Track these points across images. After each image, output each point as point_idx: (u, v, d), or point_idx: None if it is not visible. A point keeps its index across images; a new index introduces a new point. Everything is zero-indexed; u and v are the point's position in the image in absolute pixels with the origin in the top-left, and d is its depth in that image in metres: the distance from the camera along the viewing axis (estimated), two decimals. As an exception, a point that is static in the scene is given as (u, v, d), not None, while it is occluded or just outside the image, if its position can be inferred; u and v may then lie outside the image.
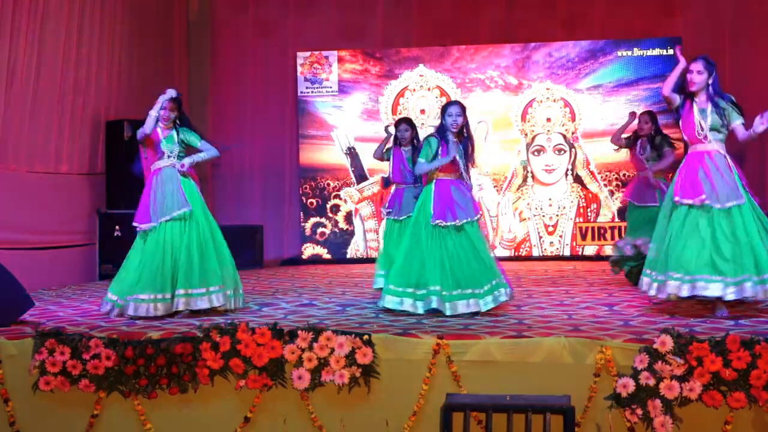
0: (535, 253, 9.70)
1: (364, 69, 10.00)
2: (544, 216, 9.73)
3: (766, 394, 3.49)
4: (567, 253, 9.65)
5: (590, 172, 9.69)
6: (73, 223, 7.88)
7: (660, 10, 9.72)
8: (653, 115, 6.76)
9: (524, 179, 9.78)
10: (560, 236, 9.71)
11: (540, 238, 9.73)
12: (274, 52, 10.24)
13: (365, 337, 3.95)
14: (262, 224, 9.68)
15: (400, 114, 9.71)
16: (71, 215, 7.86)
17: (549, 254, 9.66)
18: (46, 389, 4.08)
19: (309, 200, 10.03)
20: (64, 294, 6.65)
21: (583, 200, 9.69)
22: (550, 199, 9.74)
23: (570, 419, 3.36)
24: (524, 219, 9.77)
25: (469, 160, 5.16)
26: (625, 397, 3.60)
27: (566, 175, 9.73)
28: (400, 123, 6.36)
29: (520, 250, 9.74)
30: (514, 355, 3.91)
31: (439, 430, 3.65)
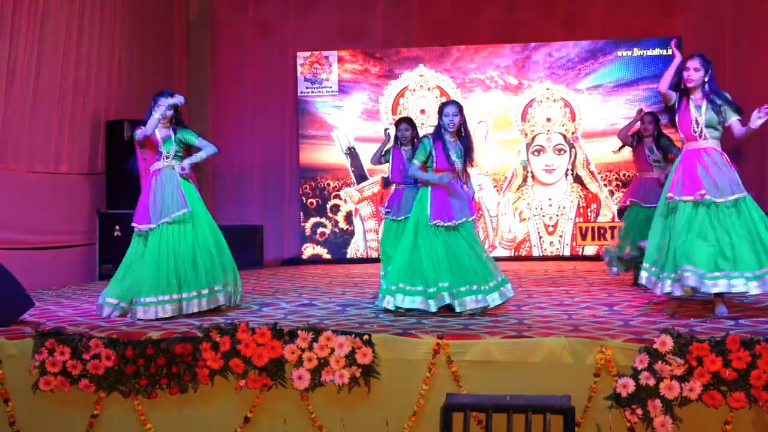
0: (535, 253, 9.70)
1: (364, 69, 10.00)
2: (544, 216, 9.73)
3: (766, 394, 3.49)
4: (567, 253, 9.65)
5: (590, 172, 9.69)
6: (73, 223, 7.88)
7: (660, 10, 9.72)
8: (657, 117, 6.74)
9: (524, 179, 9.78)
10: (560, 236, 9.71)
11: (540, 238, 9.73)
12: (274, 52, 10.24)
13: (365, 337, 3.95)
14: (262, 224, 9.68)
15: (400, 114, 9.70)
16: (71, 215, 7.86)
17: (549, 254, 9.66)
18: (46, 389, 4.08)
19: (309, 200, 10.03)
20: (64, 294, 6.65)
21: (583, 200, 9.69)
22: (550, 199, 9.74)
23: (570, 419, 3.36)
24: (524, 219, 9.77)
25: (467, 160, 5.16)
26: (625, 397, 3.60)
27: (566, 175, 9.73)
28: (401, 122, 6.34)
29: (520, 250, 9.74)
30: (514, 355, 3.91)
31: (439, 430, 3.65)
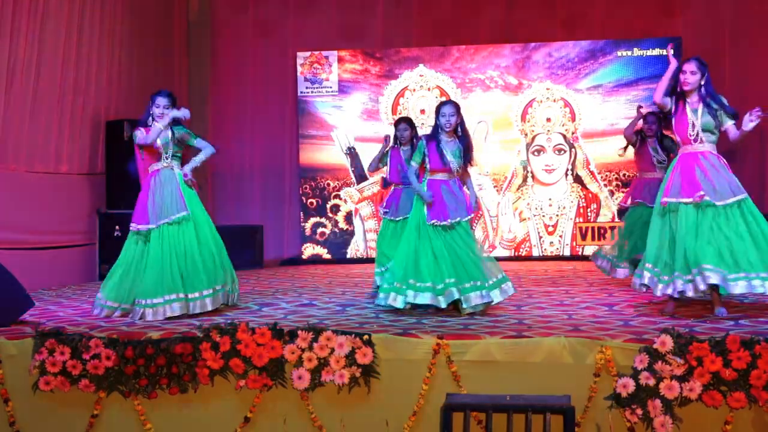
0: (535, 253, 9.70)
1: (364, 69, 10.00)
2: (544, 216, 9.73)
3: (766, 394, 3.49)
4: (567, 253, 9.65)
5: (590, 172, 9.69)
6: (73, 223, 7.88)
7: (660, 10, 9.72)
8: (659, 117, 6.69)
9: (524, 179, 9.78)
10: (560, 236, 9.70)
11: (540, 238, 9.73)
12: (274, 52, 10.24)
13: (365, 337, 3.96)
14: (262, 224, 9.68)
15: (400, 114, 9.70)
16: (71, 215, 7.86)
17: (549, 254, 9.66)
18: (46, 389, 4.08)
19: (309, 200, 10.02)
20: (64, 294, 6.65)
21: (583, 200, 9.69)
22: (550, 199, 9.74)
23: (570, 419, 3.36)
24: (524, 219, 9.77)
25: (466, 159, 5.15)
26: (625, 397, 3.60)
27: (566, 175, 9.73)
28: (400, 122, 6.32)
29: (520, 250, 9.74)
30: (514, 355, 3.91)
31: (439, 430, 3.65)
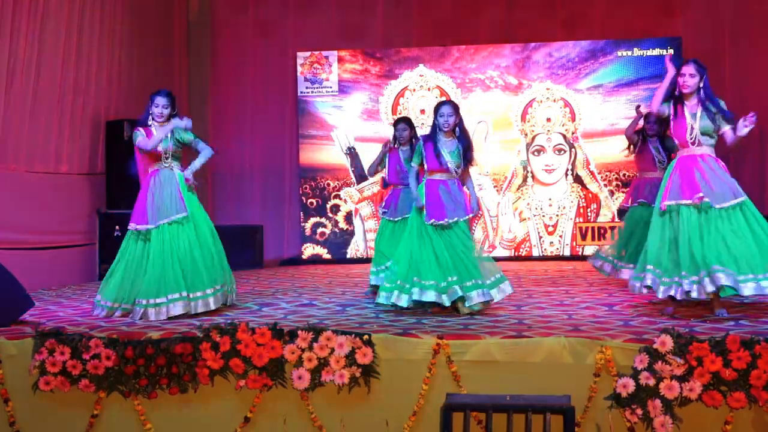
0: (535, 253, 9.70)
1: (364, 69, 10.00)
2: (544, 216, 9.73)
3: (766, 394, 3.49)
4: (567, 253, 9.65)
5: (590, 172, 9.69)
6: (73, 223, 7.88)
7: (660, 10, 9.72)
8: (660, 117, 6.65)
9: (524, 179, 9.78)
10: (560, 236, 9.70)
11: (540, 238, 9.73)
12: (274, 52, 10.24)
13: (365, 337, 3.95)
14: (262, 224, 9.68)
15: (400, 114, 9.71)
16: (71, 215, 7.86)
17: (549, 254, 9.66)
18: (46, 389, 4.08)
19: (309, 200, 10.02)
20: (64, 294, 6.65)
21: (583, 200, 9.69)
22: (550, 199, 9.74)
23: (570, 419, 3.36)
24: (524, 219, 9.77)
25: (466, 159, 5.14)
26: (625, 397, 3.60)
27: (566, 175, 9.73)
28: (399, 122, 6.32)
29: (520, 250, 9.74)
30: (514, 355, 3.91)
31: (439, 430, 3.65)
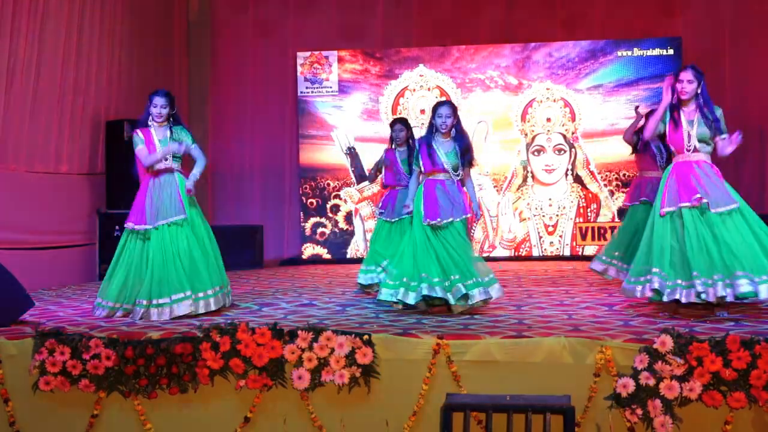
0: (535, 253, 9.70)
1: (364, 69, 10.00)
2: (544, 216, 9.73)
3: (766, 394, 3.49)
4: (567, 253, 9.64)
5: (590, 172, 9.69)
6: (73, 223, 7.88)
7: (660, 10, 9.72)
8: None
9: (524, 179, 9.78)
10: (560, 236, 9.70)
11: (540, 238, 9.73)
12: (274, 52, 10.24)
13: (365, 337, 3.96)
14: (262, 224, 9.68)
15: (400, 114, 9.72)
16: (71, 215, 7.85)
17: (549, 254, 9.66)
18: (46, 389, 4.08)
19: (309, 200, 10.02)
20: (64, 294, 6.64)
21: (583, 200, 9.69)
22: (550, 199, 9.74)
23: (570, 419, 3.36)
24: (524, 219, 9.77)
25: (464, 161, 5.12)
26: (625, 397, 3.60)
27: (566, 175, 9.73)
28: (395, 123, 6.32)
29: (520, 250, 9.74)
30: (514, 355, 3.91)
31: (439, 430, 3.65)
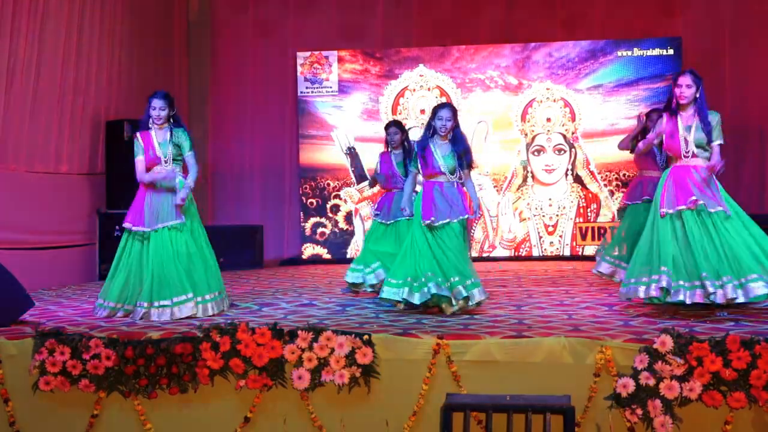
0: (535, 253, 9.70)
1: (364, 69, 10.00)
2: (544, 216, 9.73)
3: (766, 394, 3.50)
4: (567, 253, 9.64)
5: (590, 172, 9.68)
6: (73, 223, 7.88)
7: (660, 10, 9.72)
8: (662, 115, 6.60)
9: (524, 179, 9.78)
10: (560, 236, 9.70)
11: (540, 238, 9.73)
12: (274, 52, 10.24)
13: (365, 337, 3.96)
14: (262, 224, 9.68)
15: (400, 114, 9.73)
16: (71, 215, 7.85)
17: (549, 254, 9.66)
18: (46, 389, 4.08)
19: (309, 200, 10.02)
20: (64, 294, 6.64)
21: (583, 200, 9.69)
22: (550, 199, 9.74)
23: (570, 419, 3.36)
24: (524, 219, 9.76)
25: (464, 163, 5.12)
26: (625, 397, 3.60)
27: (566, 175, 9.72)
28: (390, 126, 6.32)
29: (520, 250, 9.74)
30: (514, 355, 3.91)
31: (439, 430, 3.65)
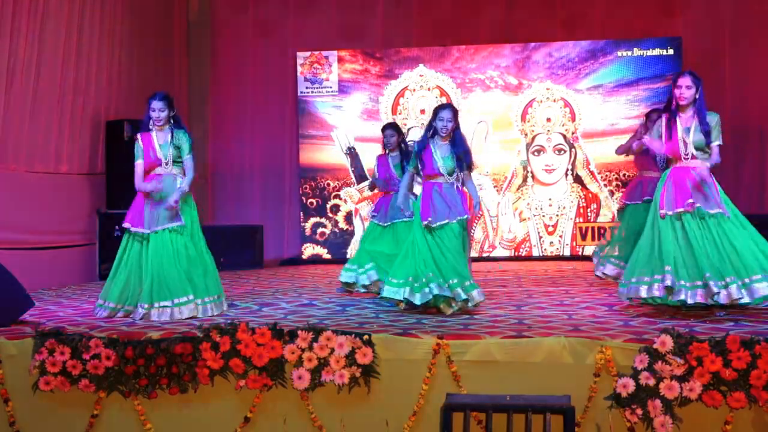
0: (535, 253, 9.70)
1: (364, 69, 10.00)
2: (544, 216, 9.73)
3: (766, 394, 3.50)
4: (567, 253, 9.64)
5: (590, 172, 9.68)
6: (73, 223, 7.88)
7: (660, 10, 9.72)
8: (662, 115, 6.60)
9: (524, 179, 9.78)
10: (560, 236, 9.70)
11: (540, 238, 9.73)
12: (274, 52, 10.24)
13: (365, 337, 3.96)
14: (262, 224, 9.68)
15: (400, 114, 9.73)
16: (71, 215, 7.85)
17: (549, 254, 9.66)
18: (46, 389, 4.08)
19: (309, 200, 10.02)
20: (64, 294, 6.65)
21: (583, 200, 9.69)
22: (550, 199, 9.74)
23: (570, 419, 3.36)
24: (524, 219, 9.76)
25: (464, 165, 5.13)
26: (625, 397, 3.61)
27: (566, 175, 9.72)
28: (386, 128, 6.33)
29: (520, 250, 9.74)
30: (514, 355, 3.91)
31: (439, 430, 3.65)
